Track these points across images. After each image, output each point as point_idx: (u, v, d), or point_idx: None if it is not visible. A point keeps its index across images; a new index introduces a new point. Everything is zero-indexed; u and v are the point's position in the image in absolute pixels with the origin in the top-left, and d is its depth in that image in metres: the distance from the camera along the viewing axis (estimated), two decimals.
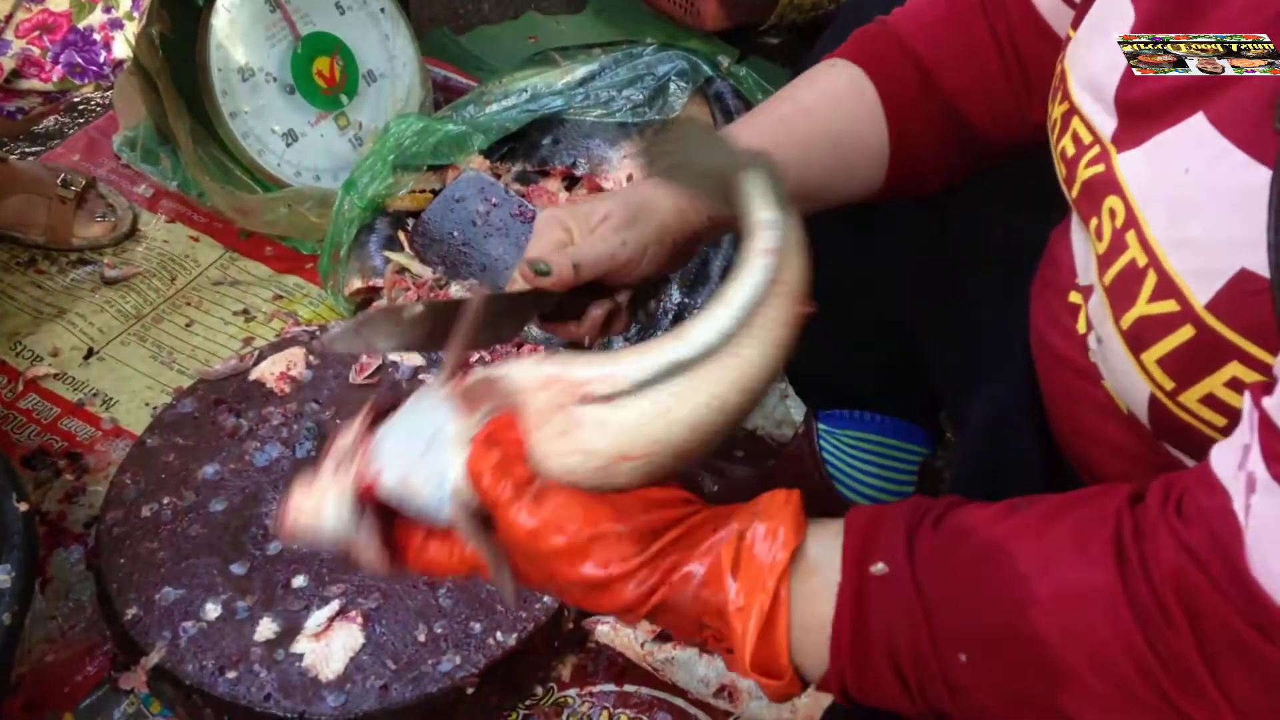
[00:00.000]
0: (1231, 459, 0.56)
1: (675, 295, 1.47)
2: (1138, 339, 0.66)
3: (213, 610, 1.13)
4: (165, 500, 1.23)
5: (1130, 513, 0.59)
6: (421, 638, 1.11)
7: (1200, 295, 0.61)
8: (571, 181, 1.63)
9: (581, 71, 1.68)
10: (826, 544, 0.64)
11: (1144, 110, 0.68)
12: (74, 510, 1.32)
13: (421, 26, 1.83)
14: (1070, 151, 0.75)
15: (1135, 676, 0.56)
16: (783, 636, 0.63)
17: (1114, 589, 0.57)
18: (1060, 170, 0.77)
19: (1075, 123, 0.75)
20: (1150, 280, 0.64)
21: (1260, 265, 0.57)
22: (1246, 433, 0.55)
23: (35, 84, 1.30)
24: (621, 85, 1.64)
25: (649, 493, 0.63)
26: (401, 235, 1.56)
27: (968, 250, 0.95)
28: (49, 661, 1.19)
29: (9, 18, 1.25)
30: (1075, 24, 0.78)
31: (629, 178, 1.60)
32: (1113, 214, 0.69)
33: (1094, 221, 0.71)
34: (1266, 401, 0.54)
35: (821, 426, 1.25)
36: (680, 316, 1.46)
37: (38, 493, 1.33)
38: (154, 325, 1.57)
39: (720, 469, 1.36)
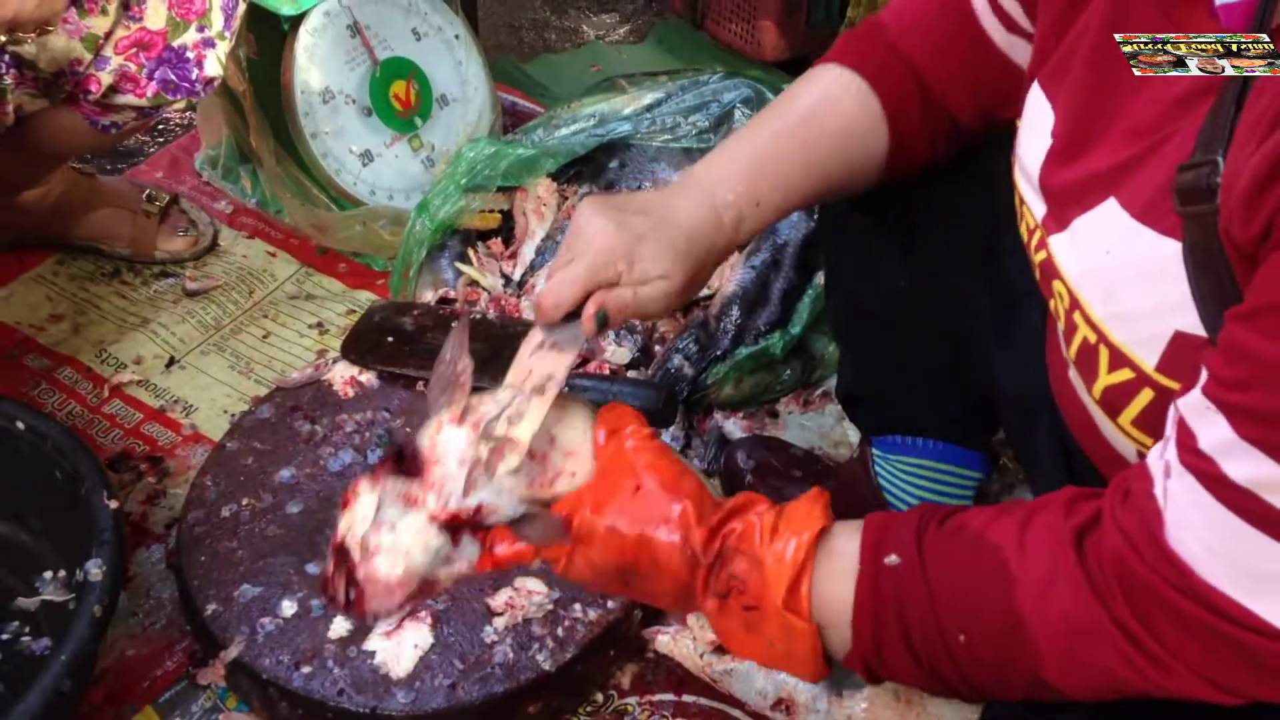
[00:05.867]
0: (1157, 451, 0.66)
1: (736, 314, 1.50)
2: (1111, 406, 0.75)
3: (289, 608, 1.17)
4: (244, 501, 1.27)
5: (1091, 506, 0.69)
6: (488, 639, 1.14)
7: (1149, 360, 0.70)
8: None
9: (648, 98, 1.71)
10: (848, 536, 0.77)
11: (1064, 196, 0.78)
12: (155, 511, 1.37)
13: (487, 55, 1.88)
14: (1024, 235, 0.85)
15: (1100, 644, 0.66)
16: (804, 595, 0.75)
17: (1075, 572, 0.67)
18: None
19: (1023, 207, 0.85)
20: (1104, 354, 0.74)
21: (1192, 325, 0.66)
22: (1169, 428, 0.65)
23: (130, 99, 1.36)
24: (687, 111, 1.67)
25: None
26: (471, 252, 1.61)
27: (1018, 286, 0.96)
28: (130, 656, 1.23)
29: (109, 34, 1.31)
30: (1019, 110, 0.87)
31: None
32: (1060, 296, 0.79)
33: (1053, 301, 0.81)
34: (1180, 401, 0.64)
35: (875, 452, 1.26)
36: (739, 336, 1.49)
37: (120, 494, 1.38)
38: (232, 336, 1.62)
39: (779, 488, 1.37)
